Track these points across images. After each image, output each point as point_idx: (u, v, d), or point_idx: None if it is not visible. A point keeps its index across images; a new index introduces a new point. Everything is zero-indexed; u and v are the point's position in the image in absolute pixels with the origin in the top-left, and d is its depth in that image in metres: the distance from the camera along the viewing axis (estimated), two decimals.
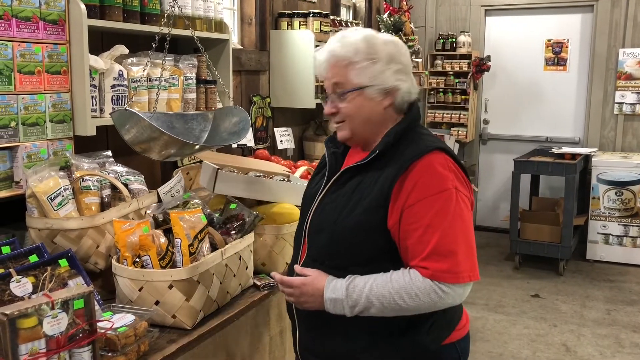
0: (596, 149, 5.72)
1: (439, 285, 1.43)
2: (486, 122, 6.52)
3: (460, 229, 1.46)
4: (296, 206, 2.37)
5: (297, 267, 1.60)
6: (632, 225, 5.33)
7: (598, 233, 5.45)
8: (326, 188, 1.62)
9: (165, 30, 2.18)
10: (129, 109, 1.93)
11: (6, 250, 1.74)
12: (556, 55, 6.12)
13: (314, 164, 3.46)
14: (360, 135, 1.60)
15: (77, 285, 1.63)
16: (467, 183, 1.54)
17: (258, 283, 2.13)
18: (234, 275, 1.99)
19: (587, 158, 5.59)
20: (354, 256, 1.52)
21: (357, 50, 1.54)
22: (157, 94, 2.24)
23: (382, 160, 1.53)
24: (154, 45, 2.08)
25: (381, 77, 1.54)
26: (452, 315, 1.58)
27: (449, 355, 1.58)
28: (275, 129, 3.82)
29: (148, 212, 2.02)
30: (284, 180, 2.43)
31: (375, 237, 1.50)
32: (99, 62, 2.18)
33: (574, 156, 5.35)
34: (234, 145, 3.33)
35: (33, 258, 1.67)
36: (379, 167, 1.53)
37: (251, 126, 3.58)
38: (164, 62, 2.27)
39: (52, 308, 1.32)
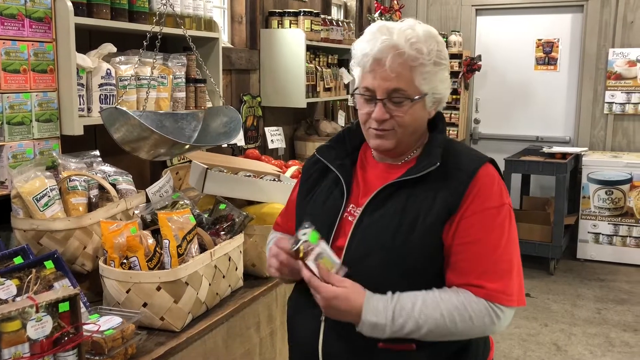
0: (586, 149, 5.74)
1: (493, 308, 1.30)
2: (477, 121, 6.53)
3: (515, 249, 1.35)
4: None
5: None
6: (622, 225, 5.35)
7: (588, 232, 5.47)
8: (351, 208, 1.43)
9: (157, 28, 2.15)
10: (119, 107, 1.90)
11: None
12: (547, 55, 6.14)
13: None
14: (403, 147, 1.43)
15: (64, 287, 1.60)
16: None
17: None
18: (224, 277, 1.96)
19: (577, 157, 5.61)
20: (412, 283, 1.33)
21: (429, 51, 1.34)
22: (147, 93, 2.22)
23: (433, 172, 1.36)
24: (145, 44, 2.05)
25: (442, 85, 1.39)
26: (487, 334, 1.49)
27: None
28: (266, 129, 3.80)
29: (136, 212, 2.00)
30: (274, 180, 2.41)
31: (437, 257, 1.34)
32: (86, 60, 2.15)
33: (564, 155, 5.36)
34: (224, 145, 3.30)
35: (18, 260, 1.64)
36: (432, 180, 1.36)
37: (241, 125, 3.56)
38: (154, 61, 2.24)
39: (37, 311, 1.29)
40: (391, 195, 1.38)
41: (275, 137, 3.83)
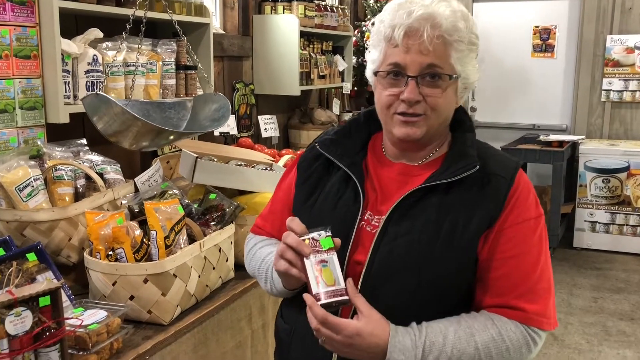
0: (583, 137, 5.70)
1: (531, 334, 1.16)
2: (473, 109, 6.47)
3: (550, 265, 1.22)
4: None
5: (353, 289, 1.14)
6: (619, 213, 5.32)
7: (585, 221, 5.44)
8: (368, 216, 1.24)
9: (140, 12, 2.08)
10: (100, 93, 1.84)
11: None
12: (544, 42, 6.07)
13: (298, 152, 3.38)
14: (428, 139, 1.25)
15: (47, 281, 1.55)
16: None
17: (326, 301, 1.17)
18: (214, 268, 1.91)
19: (574, 145, 5.57)
20: (443, 306, 1.18)
21: (467, 28, 1.19)
22: (132, 80, 2.15)
23: (464, 177, 1.20)
24: (128, 26, 1.98)
25: (473, 70, 1.23)
26: None
27: None
28: (259, 117, 3.74)
29: (124, 202, 1.94)
30: (266, 169, 2.36)
31: (471, 274, 1.20)
32: (71, 46, 2.09)
33: (561, 144, 5.32)
34: (216, 133, 3.24)
35: None
36: (468, 184, 1.19)
37: (234, 114, 3.50)
38: (139, 46, 2.17)
39: (15, 306, 1.24)
40: (417, 202, 1.20)
41: (268, 125, 3.77)
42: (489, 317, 1.17)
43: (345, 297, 1.13)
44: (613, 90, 5.71)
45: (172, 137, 1.95)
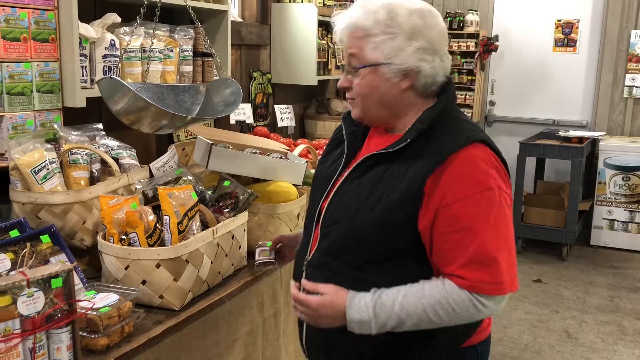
0: (604, 133, 5.61)
1: (478, 298, 1.28)
2: (492, 103, 6.40)
3: (503, 234, 1.30)
4: (294, 185, 2.30)
5: (307, 283, 1.41)
6: (638, 211, 5.23)
7: (603, 218, 5.36)
8: (345, 173, 1.45)
9: None
10: (114, 77, 1.84)
11: None
12: (566, 36, 5.98)
13: (314, 142, 3.37)
14: (374, 117, 1.44)
15: (61, 263, 1.56)
16: (509, 181, 1.39)
17: (258, 259, 1.83)
18: (226, 255, 1.91)
19: (594, 142, 5.48)
20: (372, 255, 1.37)
21: (377, 21, 1.35)
22: (147, 64, 2.15)
23: (411, 149, 1.35)
24: (142, 10, 1.97)
25: (400, 55, 1.34)
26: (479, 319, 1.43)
27: (468, 358, 1.46)
28: (276, 106, 3.72)
29: (138, 187, 1.95)
30: (280, 157, 2.35)
31: (399, 237, 1.34)
32: (89, 30, 2.09)
33: (581, 140, 5.24)
34: (232, 122, 3.24)
35: (14, 233, 1.59)
36: (408, 157, 1.35)
37: (251, 102, 3.50)
38: (154, 31, 2.17)
39: (28, 286, 1.24)
40: (372, 166, 1.40)
41: (285, 115, 3.75)
42: (442, 282, 1.31)
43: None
44: (636, 87, 5.60)
45: (186, 120, 1.95)
